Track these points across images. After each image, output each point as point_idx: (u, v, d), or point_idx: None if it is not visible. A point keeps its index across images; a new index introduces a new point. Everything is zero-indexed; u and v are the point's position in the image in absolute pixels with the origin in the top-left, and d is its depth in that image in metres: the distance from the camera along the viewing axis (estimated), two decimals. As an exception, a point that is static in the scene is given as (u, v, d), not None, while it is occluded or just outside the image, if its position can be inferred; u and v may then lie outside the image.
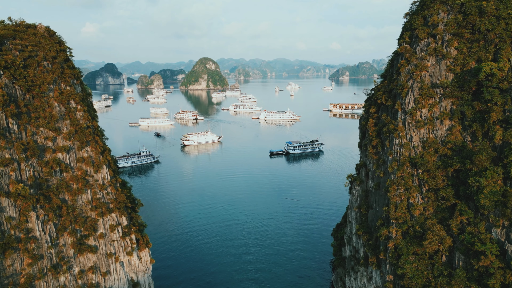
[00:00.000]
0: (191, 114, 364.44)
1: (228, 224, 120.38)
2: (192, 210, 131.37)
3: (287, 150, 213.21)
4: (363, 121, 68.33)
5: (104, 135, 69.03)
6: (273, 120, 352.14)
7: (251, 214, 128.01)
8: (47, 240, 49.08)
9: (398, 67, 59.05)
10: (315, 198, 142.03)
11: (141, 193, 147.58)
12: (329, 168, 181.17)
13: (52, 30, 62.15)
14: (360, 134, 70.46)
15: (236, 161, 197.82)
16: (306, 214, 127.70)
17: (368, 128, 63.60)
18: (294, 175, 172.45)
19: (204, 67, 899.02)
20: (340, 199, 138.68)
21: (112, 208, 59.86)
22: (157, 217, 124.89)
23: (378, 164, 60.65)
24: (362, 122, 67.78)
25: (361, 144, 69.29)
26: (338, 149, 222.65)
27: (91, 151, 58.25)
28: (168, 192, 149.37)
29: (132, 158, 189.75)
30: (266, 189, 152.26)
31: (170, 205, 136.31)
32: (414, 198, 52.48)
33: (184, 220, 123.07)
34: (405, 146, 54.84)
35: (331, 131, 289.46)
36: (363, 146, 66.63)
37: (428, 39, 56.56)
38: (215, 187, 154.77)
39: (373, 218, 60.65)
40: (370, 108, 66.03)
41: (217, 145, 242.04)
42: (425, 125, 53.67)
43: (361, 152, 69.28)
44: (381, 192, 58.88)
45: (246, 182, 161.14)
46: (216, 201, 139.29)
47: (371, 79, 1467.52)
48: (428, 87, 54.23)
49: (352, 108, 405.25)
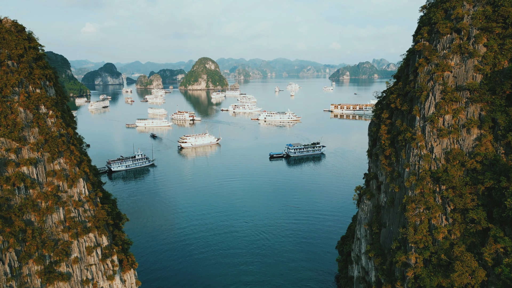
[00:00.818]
0: (188, 114, 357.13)
1: (225, 232, 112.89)
2: (187, 217, 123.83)
3: (287, 153, 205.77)
4: (373, 127, 60.88)
5: (83, 143, 61.47)
6: (273, 121, 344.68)
7: (250, 221, 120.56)
8: (6, 271, 41.66)
9: (416, 67, 51.68)
10: (317, 205, 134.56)
11: (134, 199, 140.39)
12: (332, 172, 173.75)
13: (20, 25, 54.59)
14: (370, 142, 63.03)
15: (235, 164, 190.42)
16: (308, 222, 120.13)
17: (380, 136, 56.17)
18: (294, 180, 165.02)
19: (204, 67, 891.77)
20: (344, 206, 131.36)
21: (90, 228, 52.45)
22: (149, 225, 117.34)
23: (392, 177, 53.28)
24: (373, 129, 60.28)
25: (371, 152, 61.86)
26: (341, 151, 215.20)
27: (64, 162, 50.84)
28: (162, 198, 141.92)
29: (126, 162, 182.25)
30: (265, 195, 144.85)
31: (164, 212, 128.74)
32: (436, 219, 45.10)
33: (178, 228, 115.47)
34: (424, 158, 47.45)
35: (332, 132, 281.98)
36: (374, 155, 59.21)
37: (451, 35, 49.16)
38: (213, 192, 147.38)
39: (387, 239, 53.32)
40: (382, 113, 58.53)
41: (215, 147, 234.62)
42: (448, 134, 46.26)
43: (371, 162, 61.83)
44: (396, 210, 51.52)
45: (245, 186, 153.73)
46: (213, 208, 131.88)
47: (371, 79, 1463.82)
48: (452, 90, 46.84)
49: (353, 109, 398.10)
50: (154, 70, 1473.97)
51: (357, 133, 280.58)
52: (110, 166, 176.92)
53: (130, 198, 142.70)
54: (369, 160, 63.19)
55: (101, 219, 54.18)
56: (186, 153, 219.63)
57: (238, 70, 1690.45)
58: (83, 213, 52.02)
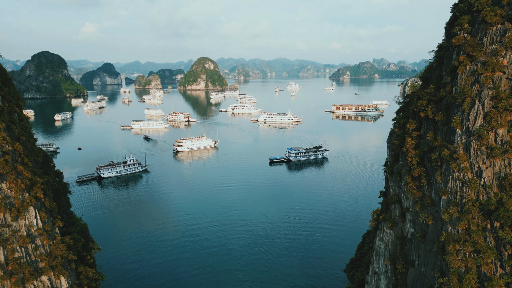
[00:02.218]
0: (183, 116, 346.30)
1: (220, 249, 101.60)
2: (179, 231, 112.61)
3: (288, 157, 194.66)
4: (395, 139, 49.79)
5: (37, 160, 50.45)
6: (273, 122, 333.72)
7: (247, 235, 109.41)
8: None
9: (454, 66, 40.75)
10: (320, 216, 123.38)
11: (121, 210, 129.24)
12: (336, 179, 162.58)
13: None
14: (390, 157, 51.99)
15: (233, 169, 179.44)
16: (311, 236, 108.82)
17: (406, 152, 45.19)
18: (296, 187, 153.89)
19: (203, 67, 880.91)
20: (351, 218, 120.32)
21: (43, 269, 41.50)
22: (136, 240, 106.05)
23: (422, 204, 42.40)
24: (395, 142, 49.09)
25: (391, 170, 50.81)
26: (344, 155, 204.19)
27: (8, 188, 39.93)
28: (153, 208, 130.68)
29: (117, 168, 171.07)
30: (265, 204, 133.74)
31: (153, 224, 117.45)
32: (488, 266, 34.26)
33: (168, 244, 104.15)
34: (470, 184, 36.59)
35: (334, 134, 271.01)
36: (396, 174, 48.18)
37: (503, 25, 38.23)
38: (208, 201, 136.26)
39: (417, 282, 42.47)
40: (406, 122, 47.45)
41: (212, 151, 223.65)
42: (503, 154, 35.40)
43: (392, 181, 50.77)
44: (429, 247, 40.66)
45: (242, 196, 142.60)
46: (208, 219, 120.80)
47: (372, 79, 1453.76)
48: (508, 96, 35.98)
49: (355, 110, 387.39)
50: (154, 70, 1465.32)
51: (360, 135, 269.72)
52: (100, 172, 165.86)
53: (117, 208, 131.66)
54: (389, 178, 52.21)
55: (58, 256, 43.22)
56: (182, 157, 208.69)
57: (238, 70, 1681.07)
58: (33, 251, 41.11)
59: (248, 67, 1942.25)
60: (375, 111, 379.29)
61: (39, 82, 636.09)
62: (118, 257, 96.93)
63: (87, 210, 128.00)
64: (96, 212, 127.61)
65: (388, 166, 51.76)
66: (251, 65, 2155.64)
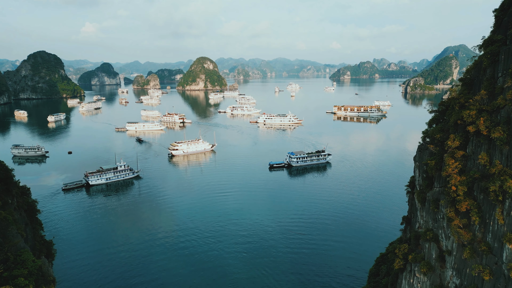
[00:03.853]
0: (178, 117, 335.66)
1: (215, 270, 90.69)
2: (170, 247, 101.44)
3: (289, 162, 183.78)
4: (428, 158, 38.98)
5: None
6: (273, 124, 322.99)
7: (246, 250, 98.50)
8: None
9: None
10: (325, 228, 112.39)
11: (106, 221, 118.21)
12: (340, 185, 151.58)
13: None
14: (421, 179, 41.20)
15: (231, 175, 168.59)
16: (315, 254, 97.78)
17: (448, 178, 34.45)
18: (298, 195, 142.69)
19: (202, 67, 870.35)
20: (357, 231, 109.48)
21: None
22: (120, 255, 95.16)
23: (474, 251, 31.76)
24: (429, 161, 38.16)
25: (423, 196, 40.00)
26: (348, 159, 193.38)
27: None
28: (142, 219, 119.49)
29: (107, 174, 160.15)
30: (264, 214, 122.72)
31: (142, 237, 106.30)
32: None
33: (156, 263, 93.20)
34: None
35: (337, 136, 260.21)
36: (431, 203, 37.40)
37: None
38: (203, 211, 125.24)
39: None
40: (446, 138, 36.69)
41: (209, 154, 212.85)
42: None
43: (424, 211, 39.97)
44: (486, 311, 30.04)
45: (240, 204, 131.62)
46: (203, 232, 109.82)
47: (372, 79, 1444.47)
48: None
49: (358, 111, 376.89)
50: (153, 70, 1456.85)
51: (363, 137, 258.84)
52: (88, 179, 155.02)
53: (103, 219, 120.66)
54: (417, 204, 41.42)
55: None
56: (177, 162, 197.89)
57: (237, 70, 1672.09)
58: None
59: (248, 67, 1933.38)
60: (377, 112, 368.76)
61: (35, 82, 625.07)
62: (97, 280, 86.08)
63: (69, 223, 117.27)
64: (80, 224, 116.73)
65: (418, 191, 40.92)
66: (251, 65, 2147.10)
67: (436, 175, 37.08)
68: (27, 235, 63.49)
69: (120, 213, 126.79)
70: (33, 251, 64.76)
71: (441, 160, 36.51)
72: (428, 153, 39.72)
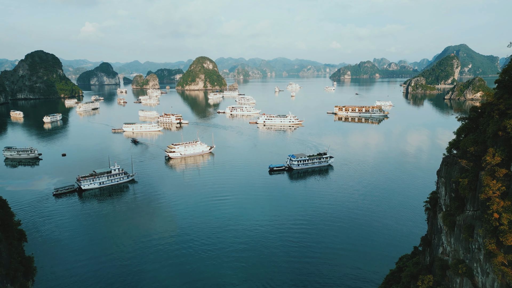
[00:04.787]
0: (175, 117, 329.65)
1: (210, 284, 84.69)
2: (163, 257, 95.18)
3: (289, 165, 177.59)
4: (458, 176, 32.69)
5: None
6: (273, 124, 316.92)
7: (245, 261, 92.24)
8: None
9: None
10: (328, 235, 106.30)
11: (99, 228, 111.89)
12: (343, 190, 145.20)
13: None
14: (447, 198, 34.96)
15: (229, 178, 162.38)
16: (319, 264, 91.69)
17: (487, 201, 28.25)
18: (299, 200, 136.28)
19: (202, 67, 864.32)
20: (363, 240, 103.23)
21: None
22: (108, 271, 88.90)
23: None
24: (460, 180, 31.93)
25: (451, 219, 33.74)
26: (351, 161, 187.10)
27: None
28: (135, 227, 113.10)
29: (100, 178, 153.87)
30: (264, 220, 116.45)
31: (133, 247, 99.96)
32: None
33: (147, 276, 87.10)
34: None
35: (338, 138, 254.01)
36: (464, 229, 31.18)
37: None
38: (200, 218, 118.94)
39: None
40: (483, 152, 30.46)
41: (207, 157, 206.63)
42: None
43: (453, 237, 33.71)
44: None
45: (239, 209, 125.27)
46: (199, 240, 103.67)
47: (373, 79, 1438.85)
48: None
49: (359, 111, 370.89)
50: (153, 70, 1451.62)
51: (365, 139, 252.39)
52: (80, 184, 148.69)
53: (93, 226, 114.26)
54: (443, 228, 35.16)
55: None
56: (174, 165, 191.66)
57: (237, 70, 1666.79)
58: None
59: (248, 67, 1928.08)
60: (379, 113, 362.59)
61: (32, 82, 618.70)
62: None
63: (58, 231, 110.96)
64: (69, 232, 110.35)
65: (445, 213, 34.62)
66: (250, 65, 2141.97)
67: (470, 196, 30.93)
68: (1, 253, 57.36)
69: (112, 220, 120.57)
70: (8, 270, 58.59)
71: (476, 179, 30.39)
72: (458, 168, 33.48)
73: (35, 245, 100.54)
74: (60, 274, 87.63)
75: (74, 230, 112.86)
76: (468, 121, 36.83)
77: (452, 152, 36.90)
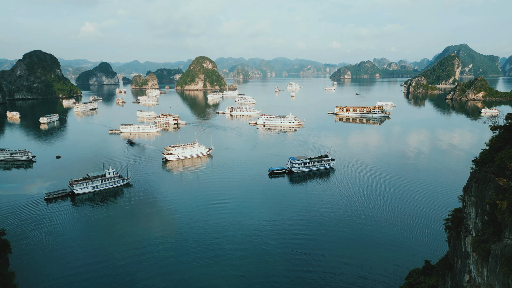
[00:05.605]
0: (172, 118, 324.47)
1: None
2: (155, 267, 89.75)
3: (290, 168, 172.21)
4: (495, 197, 27.43)
5: None
6: (273, 125, 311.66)
7: (244, 272, 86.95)
8: None
9: None
10: (331, 242, 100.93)
11: (91, 235, 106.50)
12: (345, 194, 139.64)
13: None
14: (477, 220, 29.73)
15: (228, 182, 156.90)
16: (322, 272, 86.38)
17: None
18: (300, 205, 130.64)
19: (201, 67, 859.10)
20: (367, 247, 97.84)
21: None
22: (98, 281, 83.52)
23: None
24: (500, 203, 26.68)
25: (486, 248, 28.45)
26: (353, 163, 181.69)
27: None
28: (128, 234, 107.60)
29: (94, 182, 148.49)
30: (264, 226, 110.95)
31: (125, 255, 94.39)
32: None
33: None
34: None
35: (340, 139, 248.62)
36: (504, 262, 25.92)
37: None
38: (197, 224, 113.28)
39: None
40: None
41: (206, 159, 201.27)
42: None
43: (482, 266, 28.48)
44: None
45: (238, 215, 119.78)
46: (195, 248, 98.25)
47: (373, 79, 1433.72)
48: None
49: (360, 112, 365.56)
50: (153, 69, 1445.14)
51: (367, 140, 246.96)
52: (73, 188, 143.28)
53: (84, 233, 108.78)
54: (471, 255, 29.91)
55: None
56: (172, 167, 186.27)
57: (237, 70, 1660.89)
58: None
59: (248, 67, 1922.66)
60: (381, 113, 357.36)
61: (30, 82, 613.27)
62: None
63: (47, 238, 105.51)
64: (59, 239, 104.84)
65: (475, 238, 29.32)
66: (250, 65, 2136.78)
67: (510, 221, 25.77)
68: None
69: (105, 226, 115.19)
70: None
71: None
72: (494, 187, 28.26)
73: (21, 255, 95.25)
74: (44, 286, 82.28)
75: (64, 236, 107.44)
76: (504, 131, 31.46)
77: (480, 165, 31.65)
